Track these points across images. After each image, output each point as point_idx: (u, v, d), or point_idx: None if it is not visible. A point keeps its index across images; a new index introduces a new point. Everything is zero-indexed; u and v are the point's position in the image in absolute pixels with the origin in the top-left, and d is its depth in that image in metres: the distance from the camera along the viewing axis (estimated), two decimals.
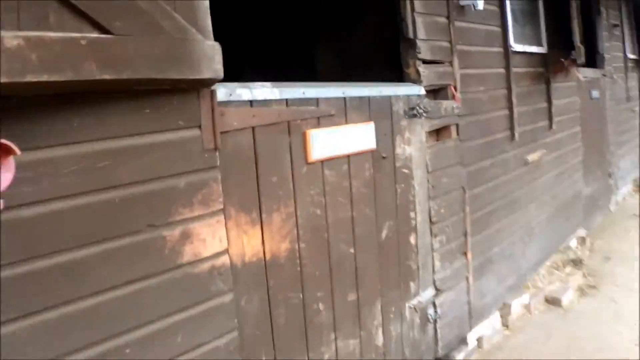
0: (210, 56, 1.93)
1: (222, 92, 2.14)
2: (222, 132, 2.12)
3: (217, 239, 2.14)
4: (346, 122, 2.76)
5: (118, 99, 1.82)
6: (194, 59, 1.88)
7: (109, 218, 1.83)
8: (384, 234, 3.06)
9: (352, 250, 2.84)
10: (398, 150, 3.16)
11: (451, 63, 3.70)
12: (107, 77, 1.64)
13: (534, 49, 5.16)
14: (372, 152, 2.95)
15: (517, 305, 4.61)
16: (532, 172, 5.06)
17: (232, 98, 2.18)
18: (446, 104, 3.62)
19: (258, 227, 2.33)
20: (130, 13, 1.71)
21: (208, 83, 2.00)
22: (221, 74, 1.98)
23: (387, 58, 3.64)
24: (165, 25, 1.80)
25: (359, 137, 2.82)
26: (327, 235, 2.67)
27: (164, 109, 1.94)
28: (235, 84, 2.21)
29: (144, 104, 1.89)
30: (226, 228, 2.17)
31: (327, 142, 2.61)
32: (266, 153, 2.34)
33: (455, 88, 3.73)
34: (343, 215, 2.77)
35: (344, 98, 2.74)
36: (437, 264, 3.56)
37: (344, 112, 2.75)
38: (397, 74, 3.41)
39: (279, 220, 2.42)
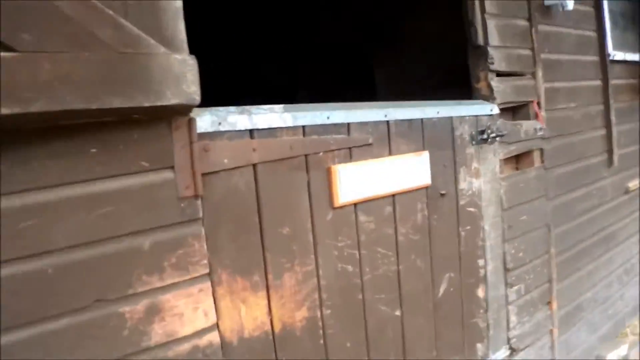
0: (178, 75, 1.35)
1: (207, 120, 1.55)
2: (206, 174, 1.54)
3: (200, 312, 1.55)
4: (390, 153, 2.09)
5: (49, 137, 1.28)
6: (152, 79, 1.30)
7: (38, 294, 1.30)
8: (442, 289, 2.36)
9: (397, 313, 2.15)
10: (462, 185, 2.44)
11: (533, 75, 2.92)
12: (4, 111, 1.09)
13: (637, 57, 4.19)
14: (426, 188, 2.25)
15: (613, 358, 3.71)
16: (634, 201, 4.11)
17: (223, 127, 1.58)
18: (527, 124, 2.85)
19: (262, 293, 1.72)
20: (47, 22, 1.16)
21: (178, 110, 1.42)
22: (196, 98, 1.39)
23: (455, 72, 2.92)
24: (105, 36, 1.23)
25: (408, 171, 2.14)
26: (362, 297, 2.01)
27: (119, 147, 1.38)
28: (229, 108, 1.62)
29: (89, 142, 1.34)
30: (214, 297, 1.59)
31: (361, 180, 1.95)
32: (273, 197, 1.72)
33: (538, 105, 2.95)
34: (385, 270, 2.10)
35: (387, 122, 2.07)
36: (513, 318, 2.79)
37: (386, 140, 2.08)
38: (467, 91, 2.70)
39: (292, 283, 1.79)
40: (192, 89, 1.39)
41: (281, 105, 1.74)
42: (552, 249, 3.07)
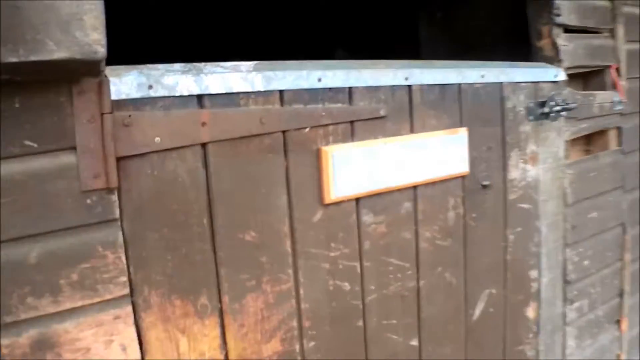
0: (67, 17, 0.91)
1: (131, 82, 1.09)
2: (126, 157, 1.10)
3: (115, 346, 1.14)
4: (412, 130, 1.59)
5: None
6: (22, 23, 0.88)
7: None
8: (478, 310, 1.86)
9: (414, 342, 1.68)
10: (513, 174, 1.92)
11: (612, 32, 2.32)
12: None
13: None
14: (462, 178, 1.75)
15: None
16: None
17: (156, 92, 1.12)
18: (602, 96, 2.28)
19: (213, 321, 1.27)
20: None
21: (74, 68, 0.97)
22: (99, 49, 0.95)
23: (514, 30, 2.37)
24: None
25: (437, 154, 1.64)
26: (362, 324, 1.54)
27: None
28: (170, 66, 1.16)
29: None
30: (138, 326, 1.17)
31: (367, 166, 1.46)
32: (232, 190, 1.26)
33: (617, 71, 2.36)
34: (399, 288, 1.61)
35: (409, 87, 1.56)
36: (571, 343, 2.27)
37: (407, 111, 1.57)
38: (525, 51, 2.16)
39: (259, 307, 1.33)
40: (92, 37, 0.94)
41: (250, 63, 1.27)
42: (626, 254, 2.51)
